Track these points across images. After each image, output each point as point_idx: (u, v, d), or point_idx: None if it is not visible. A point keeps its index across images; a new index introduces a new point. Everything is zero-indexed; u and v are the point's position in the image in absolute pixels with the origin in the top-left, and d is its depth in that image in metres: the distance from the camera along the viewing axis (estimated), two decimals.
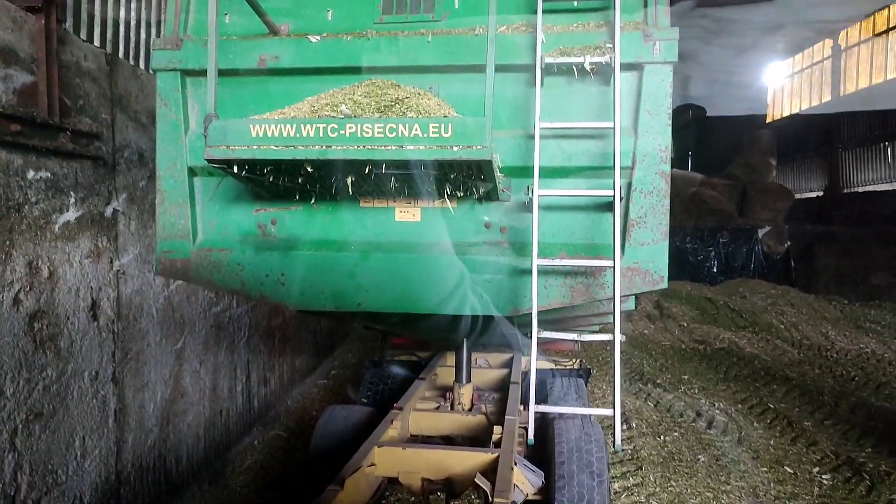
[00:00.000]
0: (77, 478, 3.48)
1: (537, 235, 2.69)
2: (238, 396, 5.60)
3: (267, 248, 2.98)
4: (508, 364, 5.62)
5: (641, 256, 2.77)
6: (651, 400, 7.39)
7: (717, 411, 6.98)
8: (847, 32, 23.17)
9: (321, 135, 2.34)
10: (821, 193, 22.41)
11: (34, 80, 3.25)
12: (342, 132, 2.33)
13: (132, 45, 4.72)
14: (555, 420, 4.14)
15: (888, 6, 19.32)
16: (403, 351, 5.88)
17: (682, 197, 18.22)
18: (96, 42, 4.01)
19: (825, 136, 23.40)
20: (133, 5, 4.75)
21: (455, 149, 2.30)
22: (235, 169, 2.48)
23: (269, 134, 2.36)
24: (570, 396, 4.93)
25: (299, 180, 2.64)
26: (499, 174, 2.68)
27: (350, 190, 2.65)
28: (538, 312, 2.74)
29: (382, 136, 2.32)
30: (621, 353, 2.76)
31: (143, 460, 4.12)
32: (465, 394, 4.62)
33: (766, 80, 27.81)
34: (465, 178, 2.58)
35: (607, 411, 2.84)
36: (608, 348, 9.47)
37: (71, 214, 3.46)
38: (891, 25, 19.68)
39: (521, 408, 4.34)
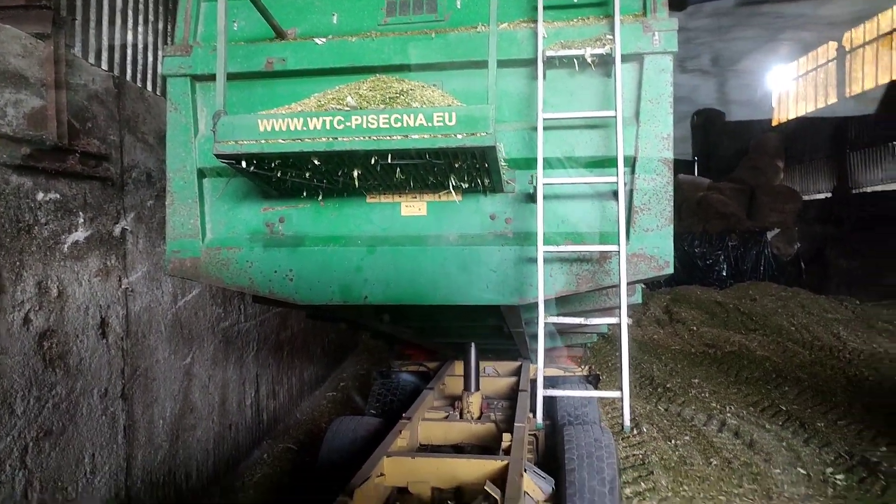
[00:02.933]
0: (87, 494, 3.51)
1: (542, 223, 2.72)
2: (247, 410, 5.63)
3: (275, 246, 3.03)
4: (517, 372, 5.63)
5: (646, 242, 2.79)
6: (661, 404, 7.35)
7: (729, 414, 6.94)
8: (851, 34, 23.15)
9: (328, 127, 2.38)
10: (830, 195, 22.26)
11: (43, 105, 3.32)
12: (348, 124, 2.38)
13: (139, 68, 4.82)
14: (565, 427, 4.14)
15: (893, 7, 19.29)
16: (411, 361, 5.89)
17: (689, 202, 18.21)
18: (104, 66, 4.10)
19: (833, 137, 23.30)
20: (140, 29, 4.85)
21: (459, 136, 2.33)
22: (244, 164, 2.53)
23: (277, 128, 2.41)
24: (580, 403, 4.91)
25: (307, 175, 2.68)
26: (503, 164, 2.71)
27: (356, 184, 2.69)
28: (544, 301, 2.76)
29: (388, 126, 2.36)
30: (629, 344, 2.77)
31: (152, 476, 4.15)
32: (474, 402, 4.63)
33: (773, 83, 27.80)
34: (470, 168, 2.61)
35: (615, 393, 2.86)
36: (617, 354, 9.43)
37: (80, 234, 3.52)
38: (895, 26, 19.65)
39: (531, 415, 4.35)
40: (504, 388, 5.44)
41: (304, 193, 2.94)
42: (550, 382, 5.32)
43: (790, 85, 27.34)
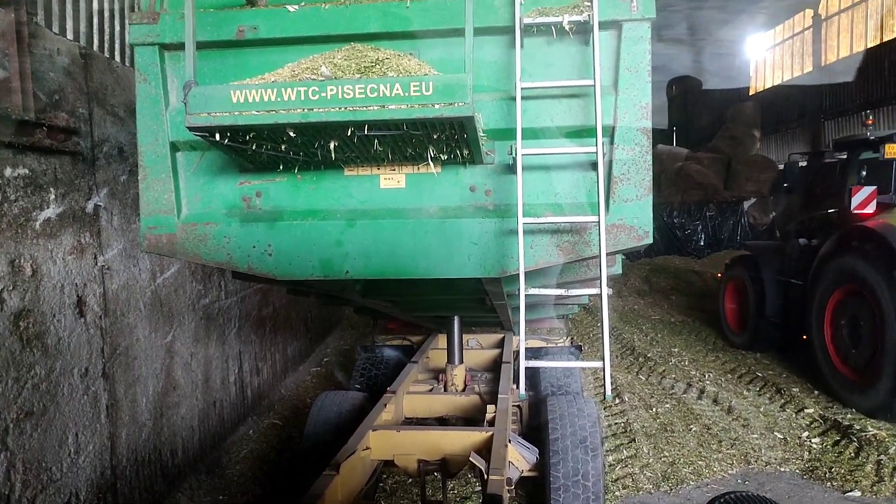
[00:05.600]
0: (72, 474, 3.48)
1: (522, 195, 2.70)
2: (231, 387, 5.60)
3: (253, 221, 2.97)
4: (500, 344, 5.66)
5: (626, 213, 2.79)
6: (642, 374, 7.47)
7: (708, 382, 7.08)
8: (827, 1, 23.20)
9: (302, 98, 2.32)
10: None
11: (7, 76, 3.19)
12: (323, 94, 2.32)
13: (107, 37, 4.64)
14: (548, 397, 4.18)
15: None
16: (395, 336, 5.90)
17: (668, 172, 18.30)
18: (69, 35, 3.94)
19: (808, 105, 23.49)
20: None
21: (437, 106, 2.29)
22: (217, 137, 2.46)
23: (251, 99, 2.34)
24: (562, 374, 4.96)
25: (283, 147, 2.62)
26: (482, 134, 2.68)
27: (333, 156, 2.64)
28: (526, 273, 2.75)
29: (364, 96, 2.30)
30: (609, 315, 2.79)
31: (137, 454, 4.12)
32: (458, 375, 4.66)
33: (749, 51, 27.85)
34: (449, 139, 2.57)
35: (597, 363, 2.89)
36: (598, 325, 9.54)
37: (52, 211, 3.42)
38: None
39: (514, 387, 4.38)
40: (487, 361, 5.47)
41: (281, 167, 2.88)
42: (533, 354, 5.37)
43: (767, 54, 27.44)
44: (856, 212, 6.33)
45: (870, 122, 7.37)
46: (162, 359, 4.46)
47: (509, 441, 3.53)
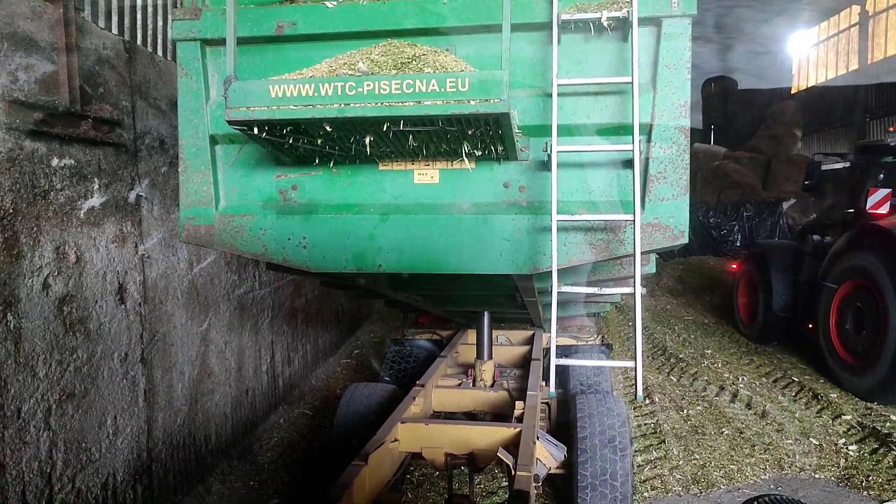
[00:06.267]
0: (110, 455, 3.59)
1: (556, 191, 2.69)
2: (263, 376, 5.71)
3: (288, 213, 3.03)
4: (530, 341, 5.65)
5: (661, 212, 2.76)
6: (674, 375, 7.37)
7: (741, 385, 6.95)
8: None
9: (339, 93, 2.36)
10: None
11: (55, 69, 3.30)
12: (360, 90, 2.35)
13: (150, 32, 4.76)
14: (577, 396, 4.16)
15: None
16: (425, 329, 5.93)
17: (704, 171, 17.97)
18: (114, 30, 4.05)
19: (852, 105, 22.79)
20: None
21: (472, 103, 2.30)
22: (256, 130, 2.51)
23: (289, 94, 2.38)
24: (592, 372, 4.93)
25: (319, 141, 2.66)
26: (517, 130, 2.67)
27: (369, 151, 2.67)
28: (558, 270, 2.74)
29: (400, 92, 2.33)
30: (642, 314, 2.75)
31: (173, 438, 4.23)
32: (487, 370, 4.66)
33: (791, 49, 27.15)
34: (483, 135, 2.58)
35: (629, 363, 2.85)
36: (630, 324, 9.43)
37: (95, 200, 3.53)
38: None
39: (543, 384, 4.37)
40: (517, 357, 5.46)
41: (317, 161, 2.92)
42: (563, 351, 5.34)
43: (810, 51, 26.70)
44: (871, 211, 6.79)
45: (891, 129, 7.84)
46: (197, 346, 4.56)
47: (537, 438, 3.52)
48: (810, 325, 7.52)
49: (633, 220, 2.66)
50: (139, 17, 4.58)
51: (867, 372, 6.32)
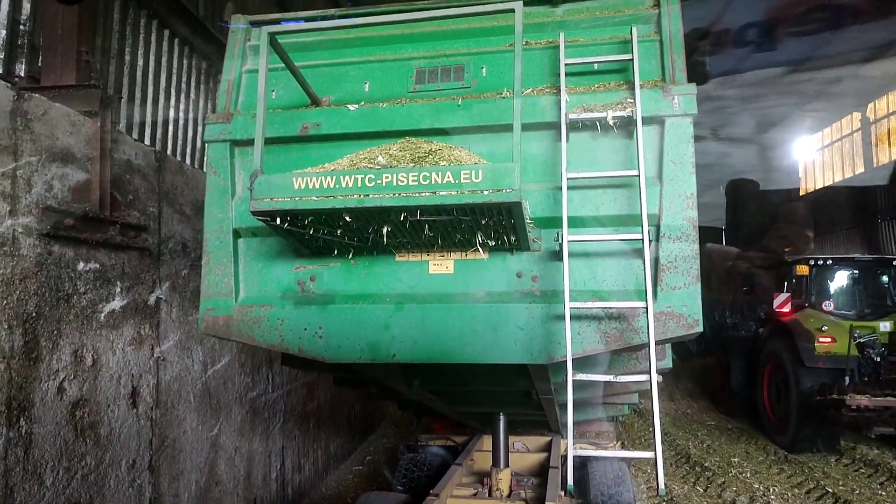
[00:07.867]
0: None
1: (568, 280, 2.70)
2: (272, 484, 5.51)
3: (306, 303, 3.05)
4: (547, 448, 5.45)
5: (674, 300, 2.75)
6: (700, 485, 7.02)
7: (773, 497, 6.59)
8: (875, 105, 23.28)
9: (359, 185, 2.46)
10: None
11: (88, 178, 3.46)
12: (379, 181, 2.45)
13: (179, 142, 5.02)
14: None
15: None
16: (439, 435, 5.76)
17: (718, 271, 17.96)
18: (147, 141, 4.28)
19: (863, 206, 23.00)
20: (181, 106, 5.09)
21: (486, 193, 2.38)
22: (278, 221, 2.60)
23: (311, 186, 2.49)
24: (614, 483, 4.71)
25: (338, 231, 2.74)
26: (528, 220, 2.74)
27: (386, 241, 2.73)
28: (573, 360, 2.70)
29: (417, 183, 2.43)
30: (660, 410, 2.66)
31: None
32: (504, 479, 4.48)
33: (798, 152, 27.86)
34: (497, 225, 2.64)
35: (648, 454, 2.71)
36: (649, 430, 9.10)
37: (116, 303, 3.58)
38: None
39: (562, 493, 4.18)
40: (534, 465, 5.26)
41: (336, 252, 2.99)
42: (581, 461, 5.13)
43: (815, 155, 27.35)
44: (777, 310, 9.40)
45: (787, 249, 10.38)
46: (206, 452, 4.45)
47: None
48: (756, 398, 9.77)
49: (647, 308, 2.66)
50: (171, 128, 4.85)
51: (785, 431, 8.69)
